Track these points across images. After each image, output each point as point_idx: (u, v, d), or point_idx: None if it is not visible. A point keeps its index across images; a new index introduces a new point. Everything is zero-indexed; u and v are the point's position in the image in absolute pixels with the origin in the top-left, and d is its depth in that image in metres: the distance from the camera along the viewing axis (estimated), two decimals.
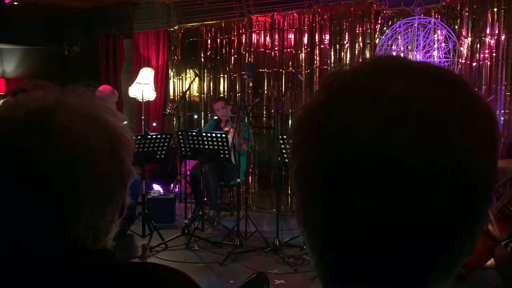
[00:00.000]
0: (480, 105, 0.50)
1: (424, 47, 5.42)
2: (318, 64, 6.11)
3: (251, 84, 6.36)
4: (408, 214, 0.46)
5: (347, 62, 5.93)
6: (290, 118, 6.38)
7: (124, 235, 4.88)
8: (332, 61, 6.04)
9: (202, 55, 7.05)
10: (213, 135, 5.04)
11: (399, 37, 5.50)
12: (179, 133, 5.33)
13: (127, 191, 0.85)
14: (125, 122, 0.87)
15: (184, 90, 6.71)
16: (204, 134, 5.08)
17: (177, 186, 6.95)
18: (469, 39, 5.30)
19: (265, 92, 6.53)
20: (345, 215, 0.48)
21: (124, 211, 0.86)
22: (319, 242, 0.52)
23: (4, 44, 8.50)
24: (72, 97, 0.82)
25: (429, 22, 5.37)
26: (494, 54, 5.18)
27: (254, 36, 6.53)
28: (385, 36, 5.61)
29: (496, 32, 5.16)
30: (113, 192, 0.81)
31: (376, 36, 5.77)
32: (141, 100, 6.59)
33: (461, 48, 5.32)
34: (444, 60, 5.34)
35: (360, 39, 5.85)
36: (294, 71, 5.77)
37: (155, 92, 6.91)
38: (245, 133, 5.60)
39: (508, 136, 5.14)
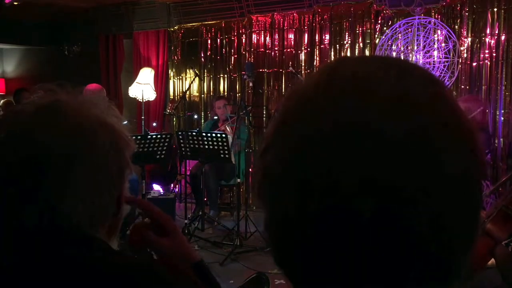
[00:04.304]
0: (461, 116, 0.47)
1: (424, 47, 5.42)
2: (318, 64, 6.11)
3: (251, 84, 6.36)
4: (399, 218, 0.43)
5: None
6: None
7: (124, 235, 4.87)
8: None
9: (202, 55, 7.05)
10: (213, 135, 5.04)
11: (400, 36, 5.50)
12: (179, 133, 5.33)
13: (125, 183, 0.88)
14: (125, 122, 0.90)
15: (184, 90, 6.70)
16: (204, 134, 5.07)
17: (177, 186, 6.95)
18: (469, 39, 5.30)
19: (265, 92, 6.53)
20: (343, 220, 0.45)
21: (121, 206, 0.88)
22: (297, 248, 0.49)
23: (4, 44, 8.51)
24: (74, 95, 0.88)
25: (429, 22, 5.36)
26: (494, 54, 5.18)
27: (254, 36, 6.52)
28: (385, 36, 5.61)
29: (496, 32, 5.16)
30: (111, 179, 0.85)
31: (376, 36, 5.77)
32: (141, 100, 6.59)
33: (461, 48, 5.32)
34: (444, 60, 5.34)
35: (360, 39, 5.85)
36: (294, 71, 5.77)
37: (155, 92, 6.91)
38: (244, 134, 5.60)
39: (508, 136, 5.14)
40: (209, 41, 6.99)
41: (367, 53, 5.81)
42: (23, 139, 0.80)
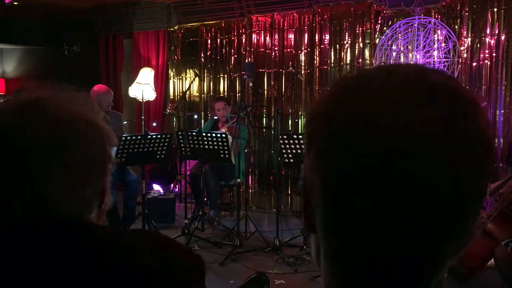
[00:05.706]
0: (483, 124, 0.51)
1: (424, 47, 5.42)
2: (318, 64, 6.11)
3: (251, 84, 6.36)
4: (406, 215, 0.47)
5: (347, 62, 5.93)
6: (290, 118, 6.38)
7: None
8: (332, 61, 6.03)
9: (202, 55, 7.06)
10: (213, 135, 5.04)
11: (400, 36, 5.50)
12: (179, 133, 5.33)
13: (107, 176, 0.91)
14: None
15: (184, 90, 6.70)
16: (204, 134, 5.07)
17: (177, 186, 6.95)
18: (469, 39, 5.30)
19: (265, 92, 6.53)
20: (347, 215, 0.49)
21: (104, 199, 0.91)
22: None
23: (4, 44, 8.50)
24: (56, 92, 0.91)
25: (429, 22, 5.37)
26: (494, 54, 5.18)
27: (254, 36, 6.53)
28: (385, 36, 5.61)
29: (496, 32, 5.16)
30: (94, 173, 0.88)
31: (376, 36, 5.77)
32: (141, 100, 6.59)
33: (461, 48, 5.32)
34: (444, 60, 5.34)
35: (360, 39, 5.85)
36: (294, 71, 5.77)
37: (155, 92, 6.91)
38: (244, 134, 5.60)
39: (508, 136, 5.14)
40: (209, 41, 6.99)
41: (367, 53, 5.81)
42: (7, 135, 0.83)
